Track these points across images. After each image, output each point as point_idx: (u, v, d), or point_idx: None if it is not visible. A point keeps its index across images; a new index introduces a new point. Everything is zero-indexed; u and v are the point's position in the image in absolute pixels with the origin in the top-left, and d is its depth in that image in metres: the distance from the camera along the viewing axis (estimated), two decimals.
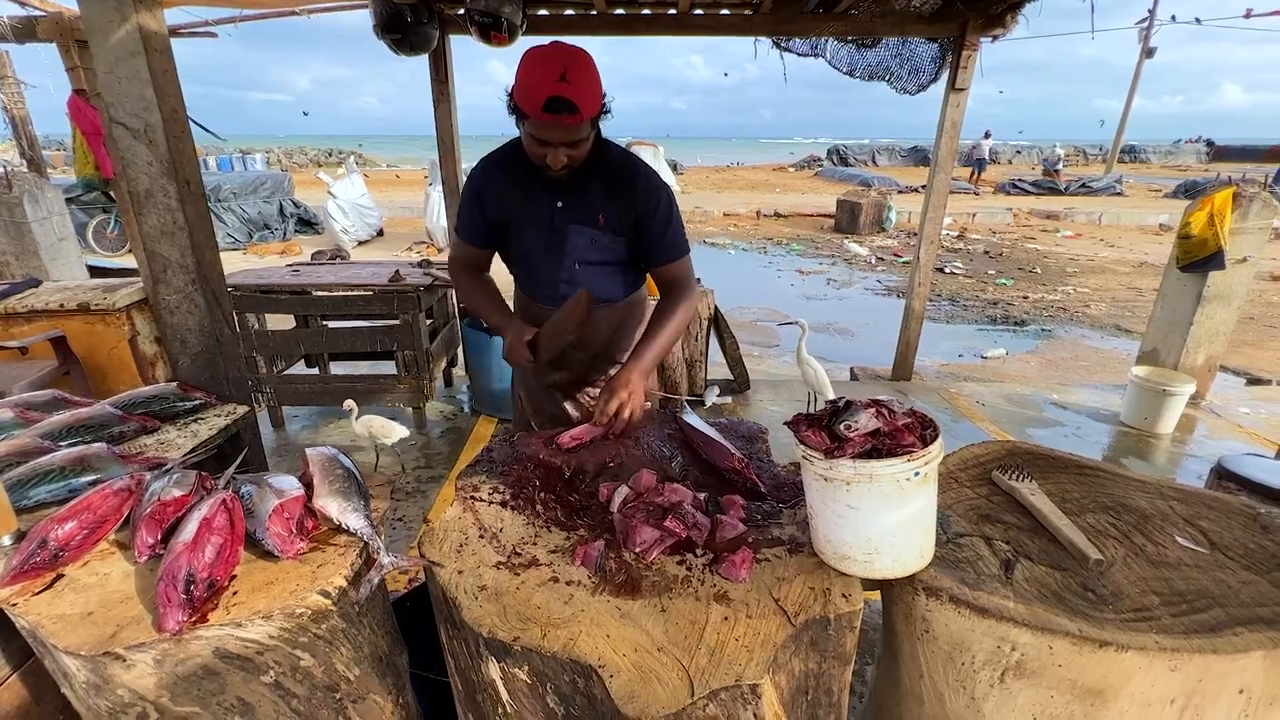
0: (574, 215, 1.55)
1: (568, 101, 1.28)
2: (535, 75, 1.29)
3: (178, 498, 1.06)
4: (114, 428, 1.40)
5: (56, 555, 0.98)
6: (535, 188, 1.54)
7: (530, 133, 1.37)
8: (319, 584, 0.99)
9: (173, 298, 1.53)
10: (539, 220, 1.57)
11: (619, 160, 1.56)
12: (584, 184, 1.53)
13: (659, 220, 1.57)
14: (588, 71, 1.32)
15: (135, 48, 1.34)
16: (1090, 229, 12.92)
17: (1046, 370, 5.24)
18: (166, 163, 1.42)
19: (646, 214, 1.55)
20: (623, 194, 1.54)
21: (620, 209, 1.55)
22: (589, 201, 1.54)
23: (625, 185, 1.54)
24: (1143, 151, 35.88)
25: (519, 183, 1.55)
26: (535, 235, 1.58)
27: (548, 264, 1.62)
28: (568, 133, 1.35)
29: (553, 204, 1.55)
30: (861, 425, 0.98)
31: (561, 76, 1.27)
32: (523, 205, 1.56)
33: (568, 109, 1.29)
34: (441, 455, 3.37)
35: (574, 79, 1.28)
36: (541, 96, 1.27)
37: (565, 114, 1.29)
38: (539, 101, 1.28)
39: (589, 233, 1.57)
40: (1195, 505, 1.24)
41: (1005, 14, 3.45)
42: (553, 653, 0.91)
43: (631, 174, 1.55)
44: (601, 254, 1.61)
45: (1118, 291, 7.93)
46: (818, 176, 24.49)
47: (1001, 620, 0.95)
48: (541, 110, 1.29)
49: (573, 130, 1.35)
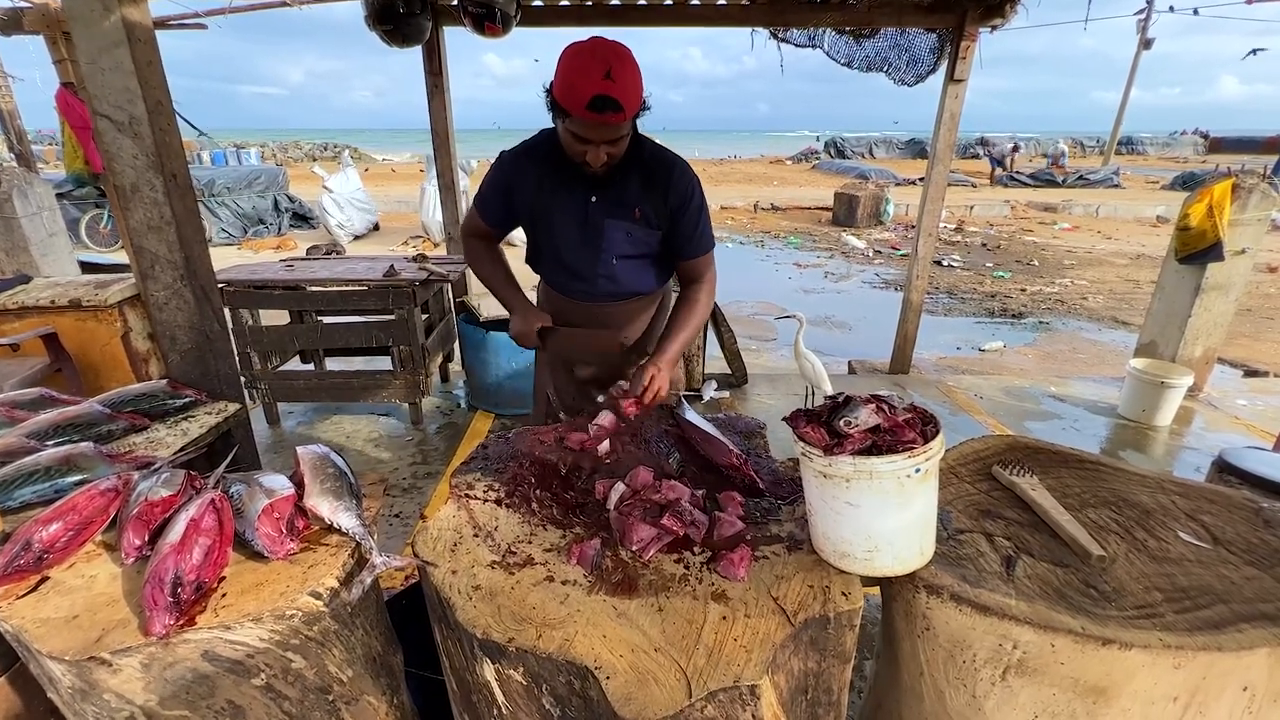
0: (609, 209, 1.54)
1: (613, 100, 1.26)
2: (579, 73, 1.27)
3: (165, 498, 1.04)
4: (102, 426, 1.38)
5: (41, 558, 0.96)
6: (569, 181, 1.52)
7: (572, 130, 1.35)
8: (310, 585, 0.97)
9: (161, 294, 1.51)
10: (572, 214, 1.55)
11: (653, 153, 1.55)
12: (619, 178, 1.51)
13: (693, 213, 1.58)
14: (632, 69, 1.30)
15: (118, 38, 1.31)
16: (1088, 221, 12.90)
17: (1044, 363, 5.24)
18: (152, 156, 1.39)
19: (681, 206, 1.56)
20: (658, 186, 1.53)
21: (655, 202, 1.54)
22: (624, 195, 1.53)
23: (660, 177, 1.53)
24: (1140, 143, 35.85)
25: (552, 176, 1.53)
26: (569, 229, 1.56)
27: (584, 258, 1.61)
28: (611, 131, 1.34)
29: (586, 198, 1.53)
30: (861, 421, 0.97)
31: (606, 74, 1.25)
32: (555, 199, 1.54)
33: (612, 108, 1.27)
34: (438, 451, 3.35)
35: (619, 77, 1.26)
36: (586, 95, 1.26)
37: (610, 113, 1.28)
38: (583, 100, 1.26)
39: (625, 226, 1.56)
40: (1197, 500, 1.23)
41: (1004, 4, 3.42)
42: (548, 654, 0.90)
43: (667, 166, 1.55)
44: (637, 247, 1.60)
45: (1115, 284, 7.93)
46: (815, 169, 24.42)
47: (1003, 618, 0.94)
48: (586, 109, 1.27)
49: (616, 129, 1.34)
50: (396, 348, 3.43)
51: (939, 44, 3.72)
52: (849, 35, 3.78)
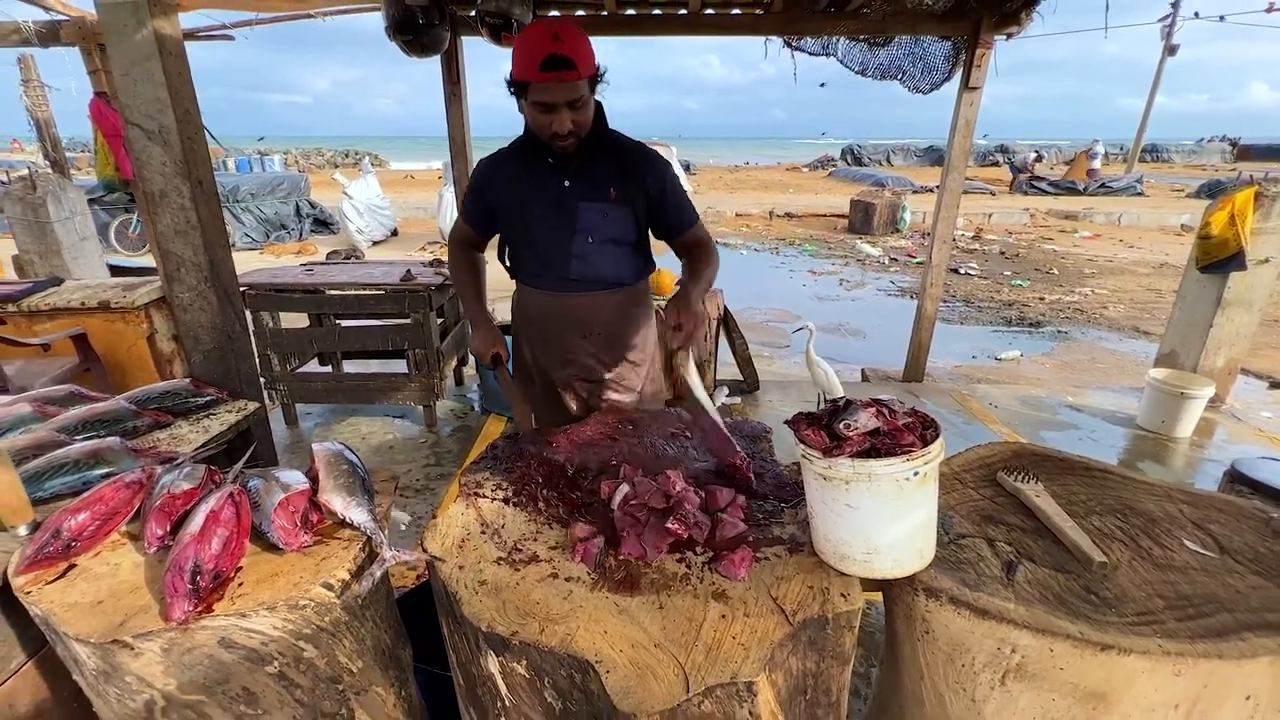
0: (583, 191, 1.59)
1: (564, 58, 1.34)
2: (529, 41, 1.37)
3: (187, 491, 1.09)
4: (128, 422, 1.44)
5: (69, 545, 1.01)
6: (541, 171, 1.59)
7: (534, 100, 1.41)
8: (322, 576, 1.00)
9: (186, 295, 1.56)
10: (546, 201, 1.61)
11: (622, 140, 1.63)
12: (591, 161, 1.57)
13: (671, 189, 1.66)
14: (578, 34, 1.39)
15: (150, 51, 1.37)
16: (1109, 230, 12.71)
17: (1062, 373, 5.17)
18: (180, 163, 1.45)
19: (657, 184, 1.63)
20: (634, 169, 1.60)
21: (630, 182, 1.60)
22: (598, 176, 1.59)
23: (632, 159, 1.61)
24: (1165, 151, 35.23)
25: (524, 171, 1.61)
26: (543, 216, 1.62)
27: (558, 242, 1.65)
28: (568, 90, 1.39)
29: (560, 184, 1.59)
30: (861, 424, 0.98)
31: (555, 37, 1.34)
32: (529, 191, 1.61)
33: (565, 65, 1.34)
34: (451, 453, 3.39)
35: (566, 38, 1.35)
36: (539, 57, 1.34)
37: (564, 70, 1.35)
38: (536, 62, 1.34)
39: (600, 206, 1.60)
40: (1205, 509, 1.22)
41: (1019, 11, 3.41)
42: (550, 647, 0.92)
43: (637, 149, 1.63)
44: (612, 229, 1.64)
45: (1137, 293, 7.80)
46: (831, 177, 24.33)
47: (1002, 622, 0.94)
48: (540, 70, 1.34)
49: (572, 87, 1.39)
50: (412, 351, 3.49)
51: (954, 52, 3.72)
52: (863, 43, 3.79)
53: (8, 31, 3.66)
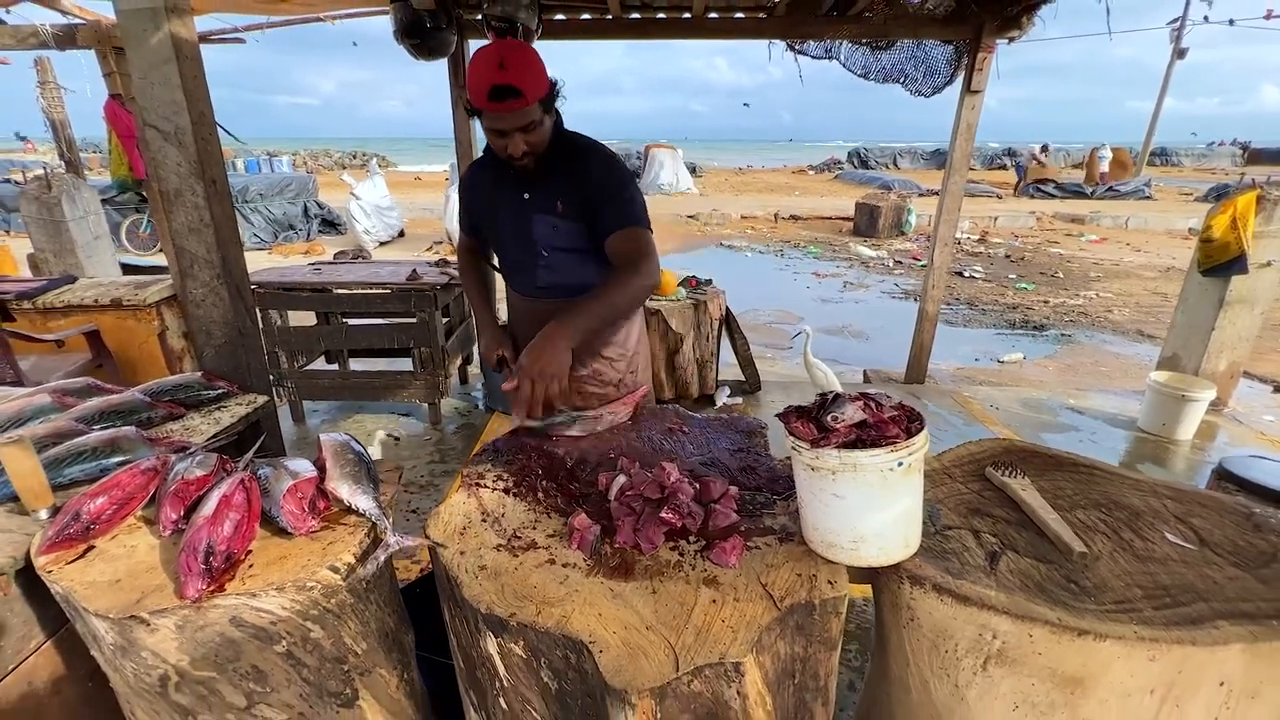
0: (539, 204, 1.63)
1: (510, 87, 1.35)
2: (476, 70, 1.38)
3: (200, 477, 1.13)
4: (143, 413, 1.48)
5: (88, 528, 1.05)
6: (509, 182, 1.64)
7: (486, 126, 1.45)
8: (329, 560, 1.05)
9: (199, 291, 1.61)
10: (510, 212, 1.67)
11: (572, 145, 1.60)
12: (548, 174, 1.60)
13: (610, 189, 1.55)
14: (526, 56, 1.39)
15: (167, 55, 1.42)
16: (1116, 233, 12.67)
17: (1065, 375, 5.18)
18: (195, 163, 1.50)
19: (594, 188, 1.56)
20: (574, 176, 1.58)
21: (573, 191, 1.59)
22: (551, 189, 1.62)
23: (577, 167, 1.58)
24: (1174, 154, 35.06)
25: (496, 179, 1.67)
26: (509, 226, 1.69)
27: (522, 253, 1.72)
28: (515, 118, 1.41)
29: (520, 196, 1.63)
30: (847, 417, 1.02)
31: (500, 65, 1.35)
32: (499, 200, 1.68)
33: (511, 95, 1.36)
34: (455, 450, 3.44)
35: (511, 64, 1.35)
36: (485, 87, 1.36)
37: (510, 100, 1.37)
38: (484, 91, 1.36)
39: (550, 220, 1.64)
40: (1189, 504, 1.25)
41: (1021, 15, 3.44)
42: (546, 629, 0.96)
43: (584, 155, 1.58)
44: (565, 240, 1.66)
45: (1142, 297, 7.78)
46: (837, 179, 24.33)
47: (983, 608, 0.97)
48: (487, 100, 1.37)
49: (520, 115, 1.41)
50: (417, 349, 3.54)
51: (956, 55, 3.74)
52: (866, 47, 3.82)
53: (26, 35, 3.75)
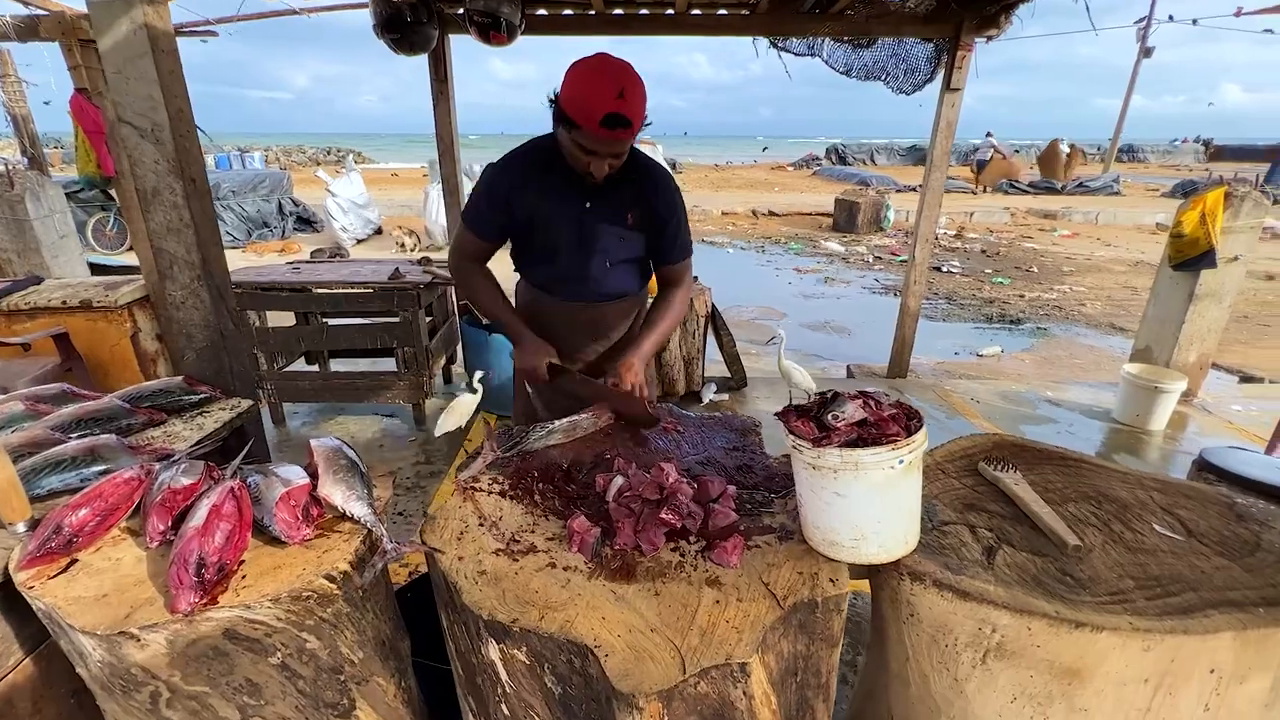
0: (603, 215, 1.61)
1: (624, 119, 1.34)
2: (593, 90, 1.34)
3: (187, 486, 1.10)
4: (122, 420, 1.44)
5: (71, 541, 1.02)
6: (563, 187, 1.58)
7: (579, 142, 1.41)
8: (324, 568, 1.02)
9: (179, 293, 1.57)
10: (568, 221, 1.61)
11: (642, 162, 1.63)
12: (611, 185, 1.57)
13: (677, 220, 1.68)
14: (641, 90, 1.38)
15: (143, 48, 1.37)
16: (1087, 228, 12.96)
17: (1041, 368, 5.28)
18: (173, 161, 1.46)
19: (668, 213, 1.65)
20: (647, 193, 1.62)
21: (645, 208, 1.63)
22: (618, 201, 1.60)
23: (650, 185, 1.62)
24: (1141, 151, 35.97)
25: (546, 181, 1.58)
26: (564, 234, 1.62)
27: (577, 263, 1.67)
28: (618, 146, 1.41)
29: (581, 204, 1.59)
30: (848, 415, 1.02)
31: (620, 94, 1.32)
32: (550, 204, 1.59)
33: (623, 125, 1.35)
34: (441, 452, 3.40)
35: (630, 97, 1.34)
36: (600, 112, 1.32)
37: (620, 130, 1.35)
38: (596, 117, 1.33)
39: (618, 231, 1.63)
40: (1174, 495, 1.28)
41: (1000, 14, 3.49)
42: (550, 634, 0.95)
43: (656, 175, 1.65)
44: (628, 252, 1.69)
45: (1114, 290, 7.98)
46: (816, 175, 24.51)
47: (982, 603, 0.99)
48: (599, 125, 1.33)
49: (623, 144, 1.42)
50: (401, 349, 3.49)
51: (936, 53, 3.79)
52: (848, 44, 3.85)
53: None
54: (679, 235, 1.70)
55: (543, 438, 1.49)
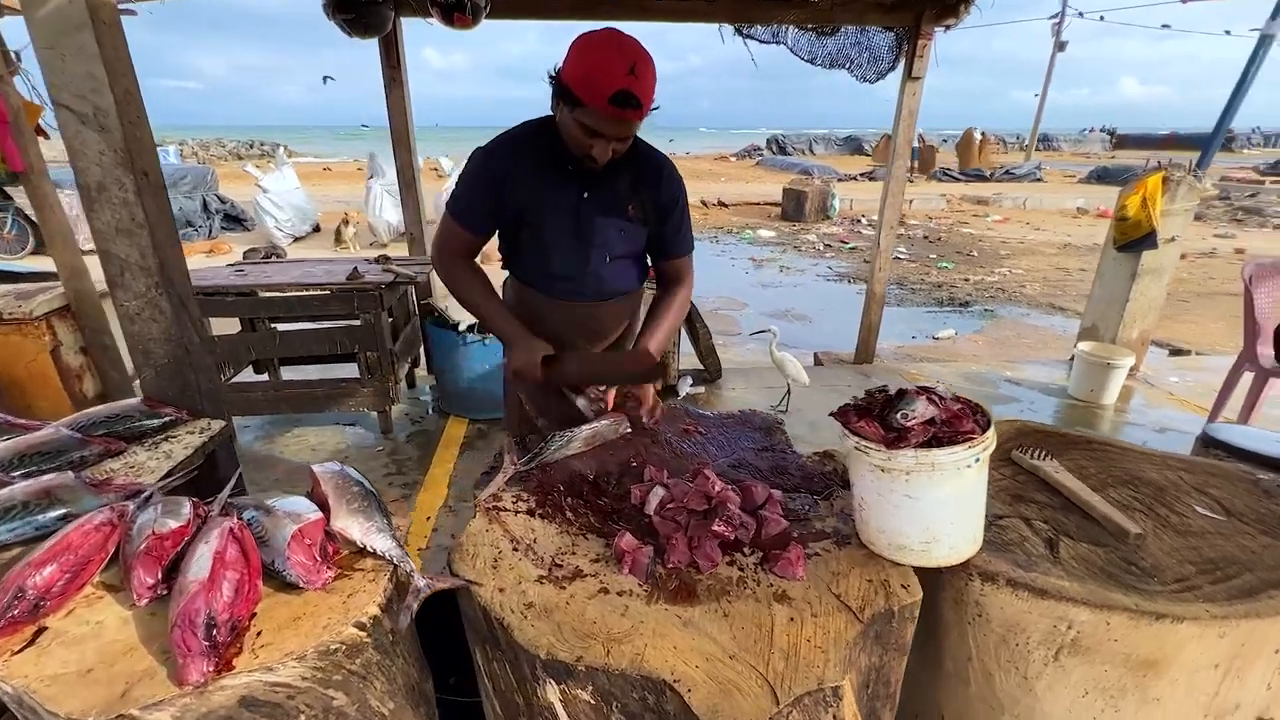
0: (602, 206, 1.49)
1: (635, 97, 1.24)
2: (603, 66, 1.23)
3: (175, 529, 0.94)
4: (74, 453, 1.24)
5: (37, 605, 0.85)
6: (559, 176, 1.45)
7: (584, 122, 1.29)
8: (353, 615, 0.90)
9: (133, 303, 1.37)
10: (564, 212, 1.49)
11: (644, 150, 1.53)
12: (611, 174, 1.46)
13: (679, 212, 1.59)
14: (652, 68, 1.28)
15: (81, 20, 1.17)
16: (1017, 213, 13.65)
17: (994, 349, 5.50)
18: (121, 151, 1.26)
19: (670, 204, 1.56)
20: (649, 183, 1.52)
21: (647, 198, 1.53)
22: (617, 192, 1.49)
23: (652, 175, 1.52)
24: (1055, 140, 38.29)
25: (541, 170, 1.45)
26: (560, 227, 1.49)
27: (575, 259, 1.54)
28: (626, 127, 1.31)
29: (579, 194, 1.47)
30: (919, 414, 0.97)
31: (631, 70, 1.23)
32: (545, 194, 1.46)
33: (634, 105, 1.25)
34: (412, 460, 3.21)
35: (641, 74, 1.24)
36: (610, 89, 1.22)
37: (630, 109, 1.25)
38: (606, 94, 1.22)
39: (618, 224, 1.52)
40: (1201, 475, 1.30)
41: (959, 4, 3.55)
42: (621, 670, 0.86)
43: (658, 164, 1.54)
44: (628, 246, 1.58)
45: (1048, 272, 8.41)
46: (759, 166, 24.85)
47: (1060, 600, 0.96)
48: (609, 103, 1.23)
49: (631, 125, 1.31)
50: (364, 354, 3.27)
51: (897, 42, 3.83)
52: (812, 32, 3.84)
53: None
54: (682, 227, 1.61)
55: (562, 447, 1.38)
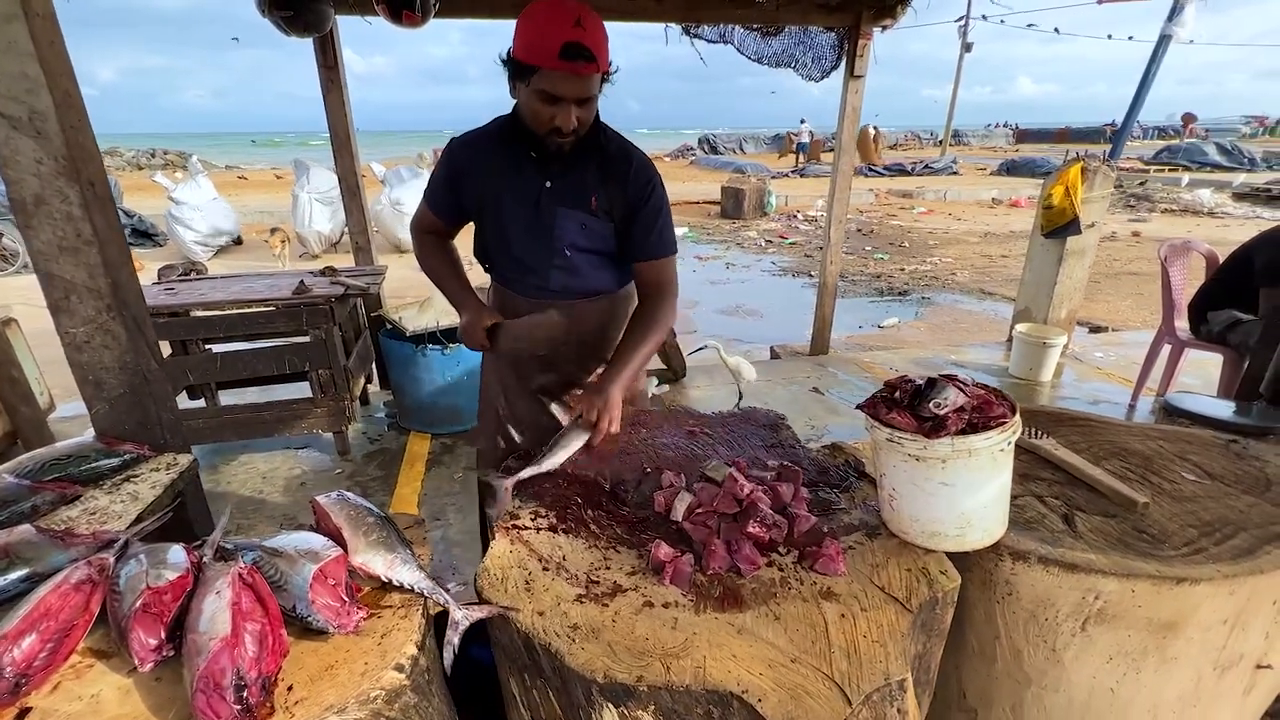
0: (564, 197, 1.43)
1: (585, 48, 1.19)
2: (548, 21, 1.20)
3: (174, 580, 0.84)
4: (23, 502, 1.09)
5: (18, 684, 0.74)
6: (521, 166, 1.41)
7: (540, 88, 1.24)
8: (391, 658, 0.82)
9: (80, 330, 1.22)
10: (523, 201, 1.44)
11: (613, 141, 1.47)
12: (576, 163, 1.41)
13: (651, 208, 1.49)
14: (599, 21, 1.24)
15: (11, 10, 1.03)
16: (939, 205, 14.41)
17: (936, 334, 5.77)
18: (63, 160, 1.11)
19: (640, 200, 1.47)
20: (616, 176, 1.45)
21: (613, 192, 1.45)
22: (581, 182, 1.43)
23: (621, 167, 1.45)
24: (964, 136, 40.76)
25: (503, 161, 1.42)
26: (518, 218, 1.45)
27: (535, 250, 1.49)
28: (582, 85, 1.25)
29: (541, 183, 1.42)
30: (951, 402, 0.99)
31: (577, 22, 1.18)
32: (506, 184, 1.43)
33: (585, 56, 1.20)
34: (377, 481, 3.05)
35: (588, 25, 1.20)
36: (557, 43, 1.17)
37: (582, 62, 1.20)
38: (554, 49, 1.18)
39: (580, 216, 1.45)
40: (1177, 443, 1.39)
41: (895, 6, 3.69)
42: (685, 686, 0.83)
43: (627, 155, 1.47)
44: (592, 240, 1.50)
45: (974, 259, 8.91)
46: (694, 165, 25.19)
47: (1090, 572, 1.00)
48: (558, 58, 1.18)
49: (587, 83, 1.25)
50: (315, 372, 3.07)
51: (839, 41, 3.95)
52: (758, 32, 3.91)
53: None
54: (655, 226, 1.49)
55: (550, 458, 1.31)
